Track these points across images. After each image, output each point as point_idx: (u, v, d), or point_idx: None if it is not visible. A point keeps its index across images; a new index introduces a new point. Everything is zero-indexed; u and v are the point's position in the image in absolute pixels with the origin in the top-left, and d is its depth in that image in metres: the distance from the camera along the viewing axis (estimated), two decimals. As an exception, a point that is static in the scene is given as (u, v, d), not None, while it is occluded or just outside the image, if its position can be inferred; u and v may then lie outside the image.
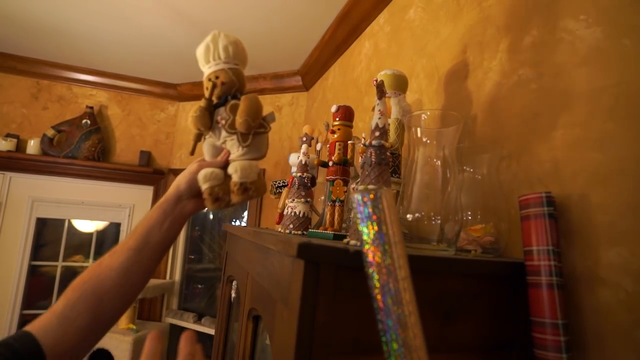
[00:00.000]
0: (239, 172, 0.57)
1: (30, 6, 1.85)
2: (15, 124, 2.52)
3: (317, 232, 0.71)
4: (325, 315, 0.44)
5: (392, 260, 0.35)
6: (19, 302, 2.37)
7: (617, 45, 0.55)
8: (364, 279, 0.36)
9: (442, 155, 0.62)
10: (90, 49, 2.30)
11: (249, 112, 0.55)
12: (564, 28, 0.64)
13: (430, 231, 0.59)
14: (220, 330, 1.16)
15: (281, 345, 0.48)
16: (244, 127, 0.55)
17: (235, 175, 0.57)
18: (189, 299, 2.71)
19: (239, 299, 0.94)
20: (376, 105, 0.59)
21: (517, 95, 0.72)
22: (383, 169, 0.56)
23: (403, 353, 0.34)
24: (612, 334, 0.51)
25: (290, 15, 1.72)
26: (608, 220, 0.53)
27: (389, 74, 0.80)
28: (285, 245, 0.47)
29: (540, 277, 0.53)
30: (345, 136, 0.74)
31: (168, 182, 2.76)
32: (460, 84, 0.90)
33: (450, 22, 0.98)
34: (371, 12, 1.49)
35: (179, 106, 2.88)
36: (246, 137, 0.57)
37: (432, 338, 0.50)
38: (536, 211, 0.55)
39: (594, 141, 0.56)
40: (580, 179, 0.57)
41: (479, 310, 0.55)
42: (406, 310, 0.34)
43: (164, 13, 1.80)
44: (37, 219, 2.48)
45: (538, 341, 0.52)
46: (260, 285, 0.67)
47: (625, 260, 0.50)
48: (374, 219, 0.36)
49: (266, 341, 0.74)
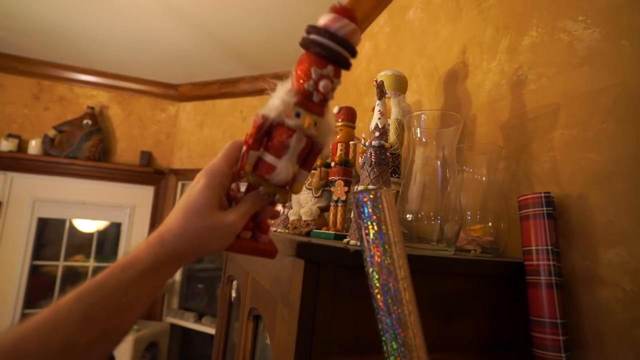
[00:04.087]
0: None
1: (32, 7, 1.85)
2: (17, 124, 2.52)
3: (318, 232, 0.71)
4: (325, 314, 0.44)
5: (391, 260, 0.35)
6: (20, 302, 2.38)
7: (615, 46, 0.55)
8: (364, 278, 0.36)
9: (442, 156, 0.62)
10: (91, 50, 2.30)
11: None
12: (562, 29, 0.64)
13: (430, 231, 0.59)
14: (221, 330, 1.16)
15: (281, 345, 0.48)
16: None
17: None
18: (189, 299, 2.71)
19: (239, 298, 0.95)
20: (376, 106, 0.60)
21: (516, 95, 0.72)
22: (383, 169, 0.57)
23: (403, 352, 0.34)
24: (611, 332, 0.51)
25: (291, 16, 1.73)
26: (607, 220, 0.53)
27: (388, 75, 0.81)
28: (285, 245, 0.47)
29: (539, 277, 0.53)
30: (348, 137, 0.75)
31: (168, 182, 2.77)
32: (460, 84, 0.90)
33: (449, 23, 0.98)
34: (371, 12, 1.49)
35: (179, 106, 2.88)
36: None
37: (432, 338, 0.50)
38: (535, 211, 0.55)
39: (593, 141, 0.56)
40: (579, 179, 0.58)
41: (478, 309, 0.56)
42: (406, 309, 0.34)
43: (165, 14, 1.80)
44: (38, 219, 2.48)
45: (537, 340, 0.52)
46: (261, 285, 0.68)
47: (623, 259, 0.50)
48: (374, 219, 0.36)
49: (266, 341, 0.75)
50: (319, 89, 0.36)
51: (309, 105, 0.37)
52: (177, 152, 2.83)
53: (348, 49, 0.36)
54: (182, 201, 0.37)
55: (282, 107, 0.36)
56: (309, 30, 0.37)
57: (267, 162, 0.37)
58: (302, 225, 0.76)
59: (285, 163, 0.37)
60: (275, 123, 0.37)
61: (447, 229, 0.58)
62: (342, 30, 0.36)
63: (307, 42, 0.37)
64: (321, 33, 0.36)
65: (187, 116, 2.84)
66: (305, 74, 0.36)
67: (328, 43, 0.36)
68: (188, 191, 0.37)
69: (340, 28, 0.36)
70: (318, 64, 0.36)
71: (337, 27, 0.36)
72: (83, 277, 2.59)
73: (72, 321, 0.30)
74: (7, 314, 2.34)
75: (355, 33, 0.36)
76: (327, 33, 0.36)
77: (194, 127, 2.80)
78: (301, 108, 0.36)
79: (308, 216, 0.76)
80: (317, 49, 0.36)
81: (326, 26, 0.36)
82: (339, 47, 0.36)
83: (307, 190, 0.82)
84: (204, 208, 0.35)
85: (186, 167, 2.75)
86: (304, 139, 0.37)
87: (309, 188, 0.82)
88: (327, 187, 0.80)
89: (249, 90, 2.58)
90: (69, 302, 0.31)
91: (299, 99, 0.36)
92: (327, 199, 0.79)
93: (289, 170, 0.37)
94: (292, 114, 0.36)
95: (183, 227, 0.35)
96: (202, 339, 2.57)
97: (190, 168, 2.72)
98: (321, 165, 0.79)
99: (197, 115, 2.81)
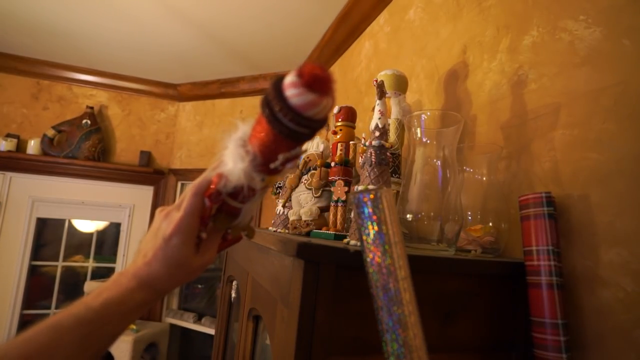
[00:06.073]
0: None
1: (31, 6, 1.85)
2: (16, 124, 2.52)
3: (318, 232, 0.71)
4: (325, 314, 0.44)
5: (392, 260, 0.35)
6: (19, 302, 2.37)
7: (616, 46, 0.55)
8: (364, 278, 0.36)
9: (442, 156, 0.62)
10: (90, 49, 2.30)
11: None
12: (563, 28, 0.64)
13: (430, 231, 0.59)
14: (221, 330, 1.16)
15: (281, 345, 0.48)
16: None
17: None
18: (189, 299, 2.71)
19: (239, 298, 0.94)
20: (376, 106, 0.60)
21: (517, 95, 0.72)
22: (383, 169, 0.57)
23: (403, 353, 0.34)
24: (612, 333, 0.51)
25: (290, 16, 1.72)
26: (608, 220, 0.53)
27: (389, 74, 0.80)
28: (286, 245, 0.47)
29: (540, 277, 0.53)
30: (348, 137, 0.75)
31: (168, 182, 2.77)
32: (460, 84, 0.90)
33: (450, 23, 0.98)
34: (371, 12, 1.49)
35: (179, 106, 2.87)
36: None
37: (432, 338, 0.50)
38: (536, 211, 0.55)
39: (594, 141, 0.56)
40: (580, 179, 0.58)
41: (479, 310, 0.56)
42: (406, 310, 0.34)
43: (164, 13, 1.80)
44: (37, 219, 2.48)
45: (538, 341, 0.52)
46: (261, 285, 0.67)
47: (624, 260, 0.50)
48: (374, 219, 0.36)
49: (266, 341, 0.74)
50: (286, 169, 0.36)
51: (273, 172, 0.37)
52: (176, 152, 2.83)
53: (318, 128, 0.32)
54: (166, 252, 0.40)
55: (246, 180, 0.36)
56: (274, 100, 0.30)
57: (233, 205, 0.40)
58: (302, 225, 0.76)
59: (250, 206, 0.40)
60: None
61: (448, 229, 0.58)
62: (317, 115, 0.30)
63: (272, 117, 0.31)
64: (291, 117, 0.30)
65: (186, 116, 2.84)
66: (271, 155, 0.34)
67: (299, 129, 0.31)
68: (167, 246, 0.40)
69: (315, 113, 0.30)
70: (287, 147, 0.33)
71: (312, 112, 0.30)
72: (82, 278, 2.59)
73: (71, 348, 0.34)
74: (5, 314, 2.33)
75: (330, 109, 0.31)
76: (298, 117, 0.30)
77: (194, 127, 2.79)
78: (266, 175, 0.36)
79: (308, 216, 0.76)
80: (287, 135, 0.31)
81: (298, 109, 0.30)
82: (309, 131, 0.32)
83: (307, 190, 0.82)
84: (186, 260, 0.40)
85: (186, 167, 2.75)
86: (266, 189, 0.39)
87: (309, 188, 0.82)
88: (327, 187, 0.80)
89: (249, 90, 2.58)
90: (69, 329, 0.35)
91: (262, 168, 0.35)
92: (327, 199, 0.79)
93: (253, 210, 0.41)
94: (256, 179, 0.36)
95: (171, 277, 0.40)
96: (201, 340, 2.56)
97: (190, 168, 2.72)
98: (321, 165, 0.79)
99: (196, 115, 2.80)
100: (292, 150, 0.34)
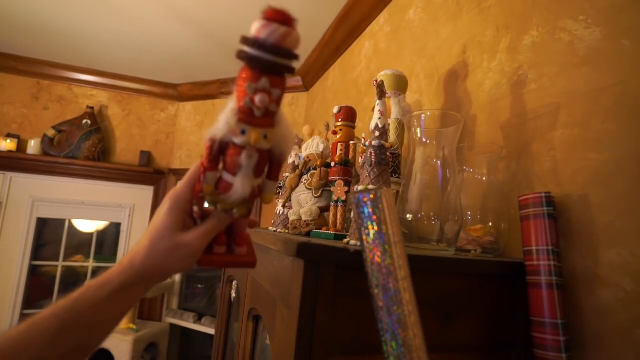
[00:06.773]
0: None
1: (31, 6, 1.85)
2: (16, 124, 2.52)
3: (318, 232, 0.71)
4: (325, 315, 0.44)
5: (392, 260, 0.35)
6: (19, 302, 2.37)
7: (616, 46, 0.55)
8: (364, 278, 0.36)
9: (442, 156, 0.62)
10: (90, 49, 2.30)
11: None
12: (563, 28, 0.64)
13: (430, 231, 0.59)
14: (221, 330, 1.16)
15: (281, 345, 0.48)
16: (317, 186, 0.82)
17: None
18: (189, 299, 2.71)
19: (239, 298, 0.95)
20: (376, 106, 0.60)
21: (517, 95, 0.72)
22: (383, 169, 0.57)
23: (403, 353, 0.34)
24: (612, 333, 0.51)
25: (291, 16, 1.72)
26: (607, 220, 0.53)
27: (389, 74, 0.80)
28: (286, 245, 0.47)
29: (539, 277, 0.53)
30: (348, 137, 0.75)
31: (168, 182, 2.77)
32: (460, 84, 0.90)
33: (450, 23, 0.98)
34: (371, 12, 1.49)
35: (179, 106, 2.88)
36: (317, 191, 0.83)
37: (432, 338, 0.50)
38: (536, 211, 0.55)
39: (594, 141, 0.56)
40: (579, 179, 0.58)
41: (479, 310, 0.56)
42: (406, 310, 0.34)
43: (164, 13, 1.80)
44: (37, 219, 2.48)
45: (538, 341, 0.52)
46: (261, 285, 0.67)
47: (624, 260, 0.50)
48: (374, 219, 0.36)
49: (266, 341, 0.74)
50: (257, 104, 0.35)
51: (253, 121, 0.36)
52: (176, 152, 2.83)
53: (281, 55, 0.34)
54: (150, 226, 0.39)
55: (226, 128, 0.36)
56: (241, 41, 0.34)
57: (225, 180, 0.38)
58: (302, 225, 0.76)
59: (241, 180, 0.37)
60: (224, 142, 0.37)
61: (448, 229, 0.58)
62: (271, 38, 0.33)
63: (239, 55, 0.34)
64: (250, 44, 0.33)
65: (186, 116, 2.84)
66: (241, 91, 0.35)
67: (258, 54, 0.33)
68: (155, 215, 0.39)
69: (269, 35, 0.33)
70: (252, 78, 0.34)
71: (266, 34, 0.33)
72: (82, 278, 2.59)
73: (46, 337, 0.33)
74: (6, 314, 2.33)
75: (287, 36, 0.34)
76: (256, 43, 0.33)
77: (194, 127, 2.80)
78: (245, 124, 0.36)
79: (308, 216, 0.76)
80: (248, 62, 0.34)
81: (255, 36, 0.34)
82: (270, 56, 0.33)
83: (307, 190, 0.82)
84: (166, 231, 0.38)
85: (186, 167, 2.75)
86: (255, 154, 0.37)
87: (309, 188, 0.82)
88: (327, 187, 0.80)
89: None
90: (45, 318, 0.34)
91: (240, 116, 0.35)
92: (327, 199, 0.79)
93: (246, 185, 0.37)
94: (237, 132, 0.35)
95: (149, 250, 0.38)
96: (201, 340, 2.57)
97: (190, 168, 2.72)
98: (321, 165, 0.79)
99: (196, 115, 2.81)
100: (258, 81, 0.34)
